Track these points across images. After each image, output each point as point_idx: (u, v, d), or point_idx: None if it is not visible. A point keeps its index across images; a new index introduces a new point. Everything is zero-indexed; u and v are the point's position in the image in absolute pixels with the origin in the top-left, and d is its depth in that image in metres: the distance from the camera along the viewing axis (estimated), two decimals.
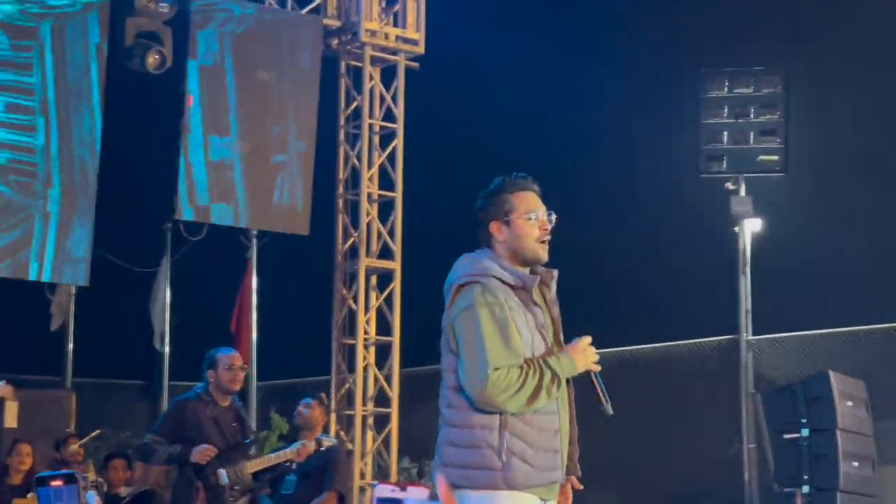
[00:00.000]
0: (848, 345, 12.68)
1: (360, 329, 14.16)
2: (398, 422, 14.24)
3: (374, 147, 14.50)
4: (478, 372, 4.43)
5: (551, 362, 4.50)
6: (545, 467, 4.52)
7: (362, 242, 14.25)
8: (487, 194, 4.76)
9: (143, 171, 14.81)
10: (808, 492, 10.39)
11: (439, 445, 4.63)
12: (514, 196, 4.72)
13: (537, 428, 4.50)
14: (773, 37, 16.59)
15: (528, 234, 4.66)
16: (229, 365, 8.14)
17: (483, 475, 4.47)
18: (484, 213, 4.73)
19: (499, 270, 4.59)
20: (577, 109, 17.57)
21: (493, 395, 4.41)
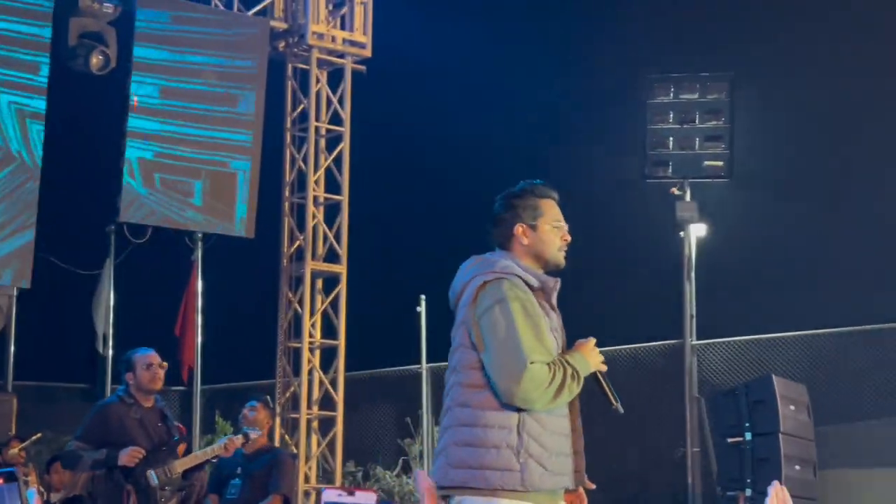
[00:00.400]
0: (791, 350, 12.77)
1: (305, 332, 14.12)
2: (343, 425, 14.21)
3: (320, 150, 14.46)
4: (515, 367, 4.39)
5: (570, 360, 4.51)
6: (558, 471, 4.51)
7: (308, 245, 14.21)
8: (516, 196, 4.77)
9: (87, 172, 14.70)
10: (750, 495, 10.46)
11: (446, 447, 4.57)
12: (542, 202, 4.74)
13: (550, 431, 4.50)
14: (719, 43, 16.69)
15: (552, 241, 4.68)
16: (147, 364, 8.07)
17: (498, 476, 4.43)
18: (511, 214, 4.73)
19: (520, 271, 4.61)
20: (523, 114, 17.61)
21: (529, 390, 4.38)
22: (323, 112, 14.49)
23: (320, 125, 14.45)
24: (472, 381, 4.55)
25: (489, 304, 4.51)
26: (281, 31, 14.41)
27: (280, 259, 14.44)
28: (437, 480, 4.59)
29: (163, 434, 8.08)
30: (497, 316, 4.47)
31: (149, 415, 8.08)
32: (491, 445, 4.45)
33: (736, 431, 10.70)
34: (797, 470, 10.34)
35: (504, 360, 4.41)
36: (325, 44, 14.40)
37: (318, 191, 14.39)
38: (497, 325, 4.46)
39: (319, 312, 14.28)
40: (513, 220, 4.71)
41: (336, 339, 14.24)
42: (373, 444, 15.42)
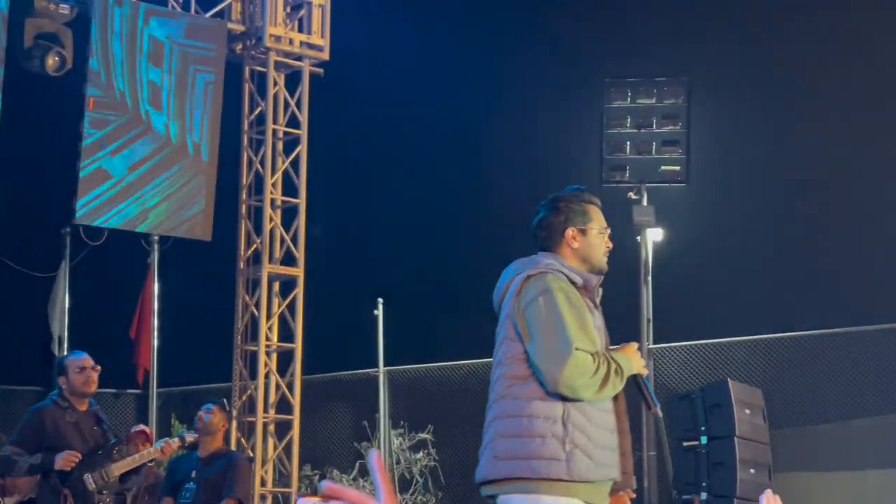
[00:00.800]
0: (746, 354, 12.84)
1: (262, 335, 14.07)
2: (300, 429, 14.17)
3: (277, 153, 14.42)
4: (559, 352, 4.45)
5: (615, 356, 4.56)
6: (604, 463, 4.54)
7: (265, 249, 14.17)
8: (566, 200, 4.81)
9: (43, 174, 14.61)
10: (706, 498, 10.50)
11: (493, 440, 4.58)
12: (591, 207, 4.85)
13: (596, 424, 4.53)
14: (676, 48, 16.77)
15: (599, 247, 4.82)
16: (80, 368, 8.04)
17: (545, 465, 4.46)
18: (563, 217, 4.80)
19: (565, 269, 4.65)
20: (481, 117, 17.62)
21: (573, 377, 4.43)
22: (280, 115, 14.45)
23: (278, 128, 14.41)
24: (516, 373, 4.59)
25: (534, 295, 4.58)
26: (238, 33, 14.36)
27: (237, 262, 14.39)
28: (484, 475, 4.59)
29: (98, 437, 8.04)
30: (542, 306, 4.53)
31: (84, 418, 8.04)
32: (537, 435, 4.50)
33: (692, 435, 10.75)
34: (752, 473, 10.39)
35: (549, 347, 4.46)
36: (282, 46, 14.37)
37: (275, 194, 14.35)
38: (542, 315, 4.52)
39: (276, 316, 14.24)
40: (565, 223, 4.79)
41: (293, 343, 14.19)
42: (329, 447, 15.40)
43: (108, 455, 8.03)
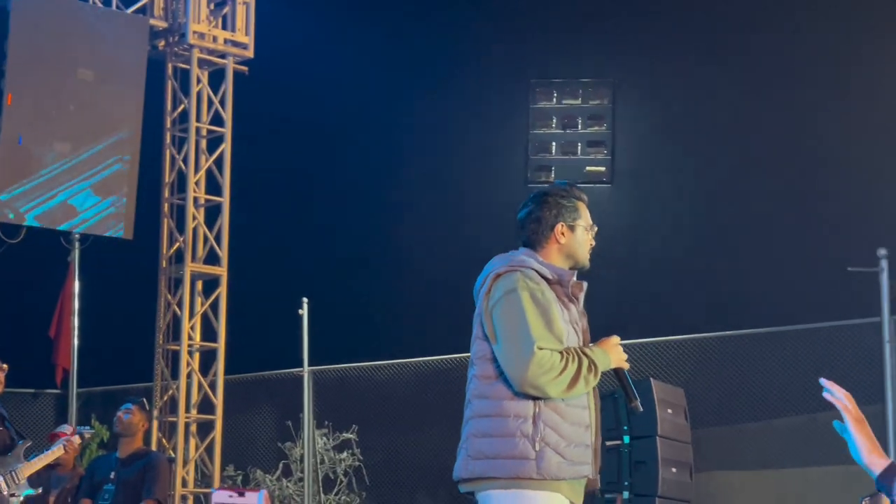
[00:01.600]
0: (669, 353, 12.90)
1: (184, 335, 13.96)
2: (222, 429, 14.07)
3: (201, 151, 14.31)
4: (521, 351, 4.41)
5: (588, 352, 4.52)
6: (577, 461, 4.51)
7: (188, 247, 14.05)
8: (557, 195, 4.77)
9: None
10: (628, 497, 10.53)
11: (467, 439, 4.58)
12: (580, 205, 4.80)
13: (570, 421, 4.50)
14: (602, 49, 16.84)
15: (585, 243, 4.76)
16: None
17: (515, 465, 4.44)
18: (554, 212, 4.75)
19: (536, 264, 4.62)
20: (406, 117, 17.60)
21: (537, 376, 4.40)
22: (204, 112, 14.34)
23: (201, 126, 14.30)
24: (486, 373, 4.58)
25: (500, 295, 4.55)
26: (160, 29, 14.23)
27: (159, 260, 14.26)
28: (459, 474, 4.59)
29: (5, 439, 7.94)
30: (506, 306, 4.51)
31: None
32: (507, 435, 4.48)
33: (614, 435, 10.76)
34: (674, 472, 10.44)
35: (512, 349, 4.45)
36: (206, 43, 14.26)
37: (198, 192, 14.23)
38: (506, 316, 4.50)
39: (199, 315, 14.13)
40: (555, 219, 4.74)
41: (216, 342, 14.09)
42: (253, 447, 15.30)
43: (17, 456, 7.93)
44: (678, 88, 16.86)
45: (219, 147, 14.31)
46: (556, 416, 4.49)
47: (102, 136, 13.55)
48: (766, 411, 12.97)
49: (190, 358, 14.04)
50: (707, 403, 12.54)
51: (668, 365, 12.87)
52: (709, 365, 12.84)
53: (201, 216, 14.22)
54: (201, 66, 14.34)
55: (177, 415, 13.90)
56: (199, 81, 14.29)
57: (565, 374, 4.44)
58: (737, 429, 13.11)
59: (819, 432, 12.50)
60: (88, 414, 15.21)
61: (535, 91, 14.46)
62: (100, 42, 13.51)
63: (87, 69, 13.40)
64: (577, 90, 14.56)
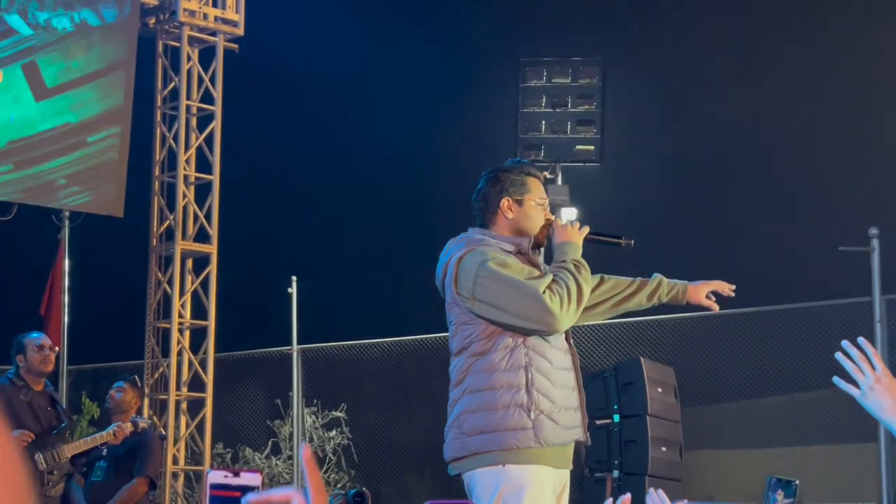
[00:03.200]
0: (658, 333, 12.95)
1: (174, 312, 13.96)
2: (213, 407, 14.09)
3: (191, 129, 14.29)
4: (535, 303, 4.46)
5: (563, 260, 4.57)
6: (569, 424, 4.54)
7: (178, 225, 14.05)
8: (504, 171, 4.78)
9: None
10: (618, 476, 10.58)
11: (458, 417, 4.58)
12: (529, 179, 4.77)
13: (560, 385, 4.53)
14: (591, 27, 16.84)
15: (536, 218, 4.75)
16: (39, 346, 8.09)
17: (512, 436, 4.46)
18: (498, 188, 4.75)
19: (491, 240, 4.65)
20: (395, 95, 17.59)
21: (563, 316, 4.47)
22: (194, 90, 14.31)
23: (191, 104, 14.27)
24: (477, 351, 4.59)
25: (473, 275, 4.56)
26: (151, 7, 14.19)
27: (149, 238, 14.26)
28: (452, 453, 4.58)
29: (52, 418, 8.06)
30: (488, 282, 4.53)
31: (38, 398, 8.07)
32: (501, 406, 4.50)
33: (604, 413, 10.80)
34: (663, 451, 10.49)
35: (524, 308, 4.47)
36: (196, 21, 14.22)
37: (188, 170, 14.22)
38: (494, 288, 4.52)
39: (189, 293, 14.13)
40: (500, 194, 4.74)
41: (206, 320, 14.10)
42: (242, 425, 15.33)
43: (61, 436, 8.04)
44: (668, 67, 16.87)
45: (209, 125, 14.29)
46: (546, 382, 4.52)
47: (93, 114, 13.51)
48: (756, 390, 13.02)
49: (180, 336, 14.05)
50: (696, 382, 12.59)
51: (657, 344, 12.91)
52: (698, 344, 12.89)
53: (191, 194, 14.21)
54: (192, 43, 14.30)
55: (167, 393, 13.92)
56: (189, 59, 14.26)
57: (572, 295, 4.48)
58: (725, 407, 13.17)
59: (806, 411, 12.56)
60: (79, 391, 15.21)
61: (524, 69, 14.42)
62: (89, 18, 13.46)
63: (77, 46, 13.36)
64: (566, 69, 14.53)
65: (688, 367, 12.40)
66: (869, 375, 3.03)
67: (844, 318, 11.53)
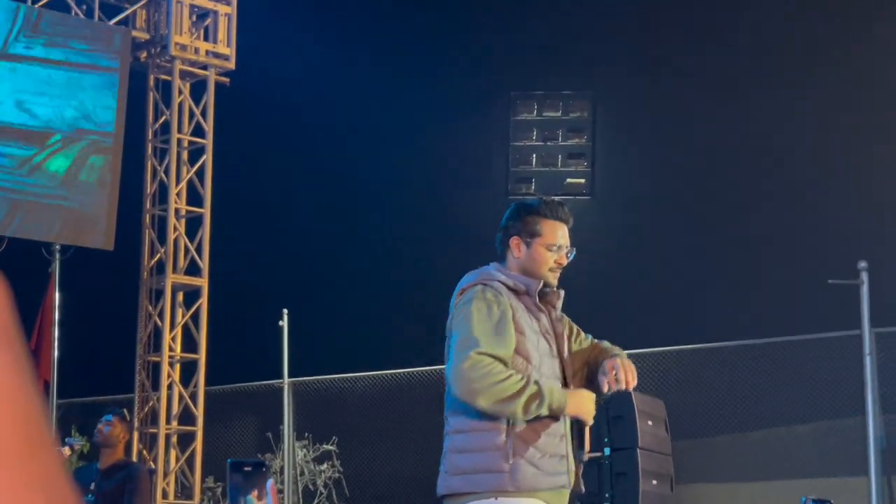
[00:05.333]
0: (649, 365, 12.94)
1: (165, 346, 13.94)
2: (203, 440, 14.05)
3: (182, 162, 14.31)
4: (462, 352, 4.40)
5: (545, 384, 4.50)
6: (552, 471, 4.52)
7: (169, 258, 14.05)
8: (521, 210, 4.76)
9: None
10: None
11: (445, 454, 4.61)
12: (545, 222, 4.71)
13: (544, 432, 4.50)
14: (582, 61, 16.89)
15: (543, 262, 4.68)
16: None
17: (490, 478, 4.46)
18: (511, 226, 4.73)
19: (502, 276, 4.62)
20: (387, 129, 17.62)
21: (470, 379, 4.36)
22: (185, 124, 14.34)
23: (183, 137, 14.30)
24: None
25: (459, 309, 4.56)
26: (143, 41, 14.23)
27: (140, 272, 14.25)
28: (439, 490, 4.61)
29: None
30: (462, 317, 4.53)
31: None
32: (479, 449, 4.50)
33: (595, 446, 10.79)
34: (654, 485, 10.46)
35: (455, 356, 4.45)
36: (187, 55, 14.26)
37: (179, 203, 14.23)
38: (461, 325, 4.52)
39: (180, 326, 14.12)
40: (512, 231, 4.73)
41: (197, 353, 14.09)
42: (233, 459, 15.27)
43: None
44: (657, 101, 16.92)
45: (200, 158, 14.31)
46: (528, 428, 4.51)
47: (84, 147, 13.52)
48: (747, 423, 13.01)
49: (171, 369, 14.03)
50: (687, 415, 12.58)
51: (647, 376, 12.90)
52: (688, 377, 12.88)
53: (182, 227, 14.22)
54: (183, 77, 14.34)
55: (157, 426, 13.88)
56: (180, 93, 14.30)
57: (501, 386, 4.39)
58: (716, 441, 13.15)
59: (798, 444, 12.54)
60: (69, 425, 15.16)
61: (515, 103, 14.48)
62: (83, 53, 13.49)
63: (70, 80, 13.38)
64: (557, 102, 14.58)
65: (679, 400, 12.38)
66: None
67: (834, 351, 11.53)
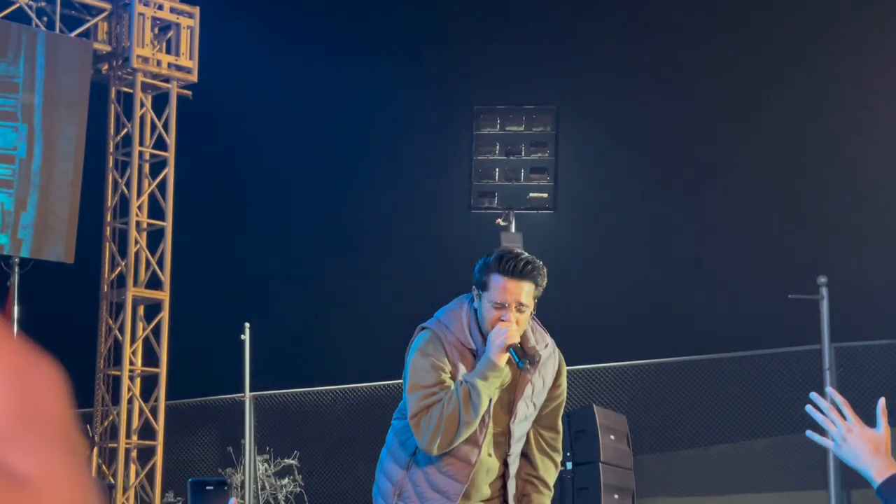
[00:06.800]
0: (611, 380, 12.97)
1: (125, 360, 13.86)
2: (163, 455, 13.97)
3: (144, 175, 14.25)
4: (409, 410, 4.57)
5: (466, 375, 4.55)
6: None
7: (130, 272, 13.97)
8: (480, 263, 4.81)
9: None
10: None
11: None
12: (491, 277, 4.70)
13: (438, 490, 4.58)
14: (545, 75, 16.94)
15: (488, 319, 4.68)
16: None
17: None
18: (475, 277, 4.78)
19: (459, 328, 4.68)
20: (349, 143, 17.61)
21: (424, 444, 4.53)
22: (147, 136, 14.28)
23: (144, 150, 14.24)
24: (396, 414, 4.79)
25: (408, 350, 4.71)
26: (104, 53, 14.17)
27: (100, 285, 14.17)
28: None
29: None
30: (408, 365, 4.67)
31: None
32: (387, 476, 4.71)
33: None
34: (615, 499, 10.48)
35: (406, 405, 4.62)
36: (149, 68, 14.21)
37: (141, 216, 14.17)
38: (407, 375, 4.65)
39: (140, 340, 14.05)
40: (473, 280, 4.78)
41: (157, 367, 14.01)
42: (193, 473, 15.20)
43: None
44: (620, 115, 16.98)
45: (162, 171, 14.25)
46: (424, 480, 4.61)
47: (45, 160, 13.44)
48: (708, 437, 13.05)
49: (131, 383, 13.95)
50: (649, 430, 12.61)
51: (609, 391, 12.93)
52: (650, 392, 12.91)
53: (144, 240, 14.15)
54: (145, 90, 14.29)
55: (117, 441, 13.80)
56: (142, 105, 14.24)
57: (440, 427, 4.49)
58: (677, 455, 13.19)
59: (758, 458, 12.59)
60: None
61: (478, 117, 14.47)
62: (43, 65, 13.42)
63: (29, 92, 13.32)
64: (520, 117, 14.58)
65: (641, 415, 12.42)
66: (840, 426, 3.03)
67: (794, 366, 11.59)
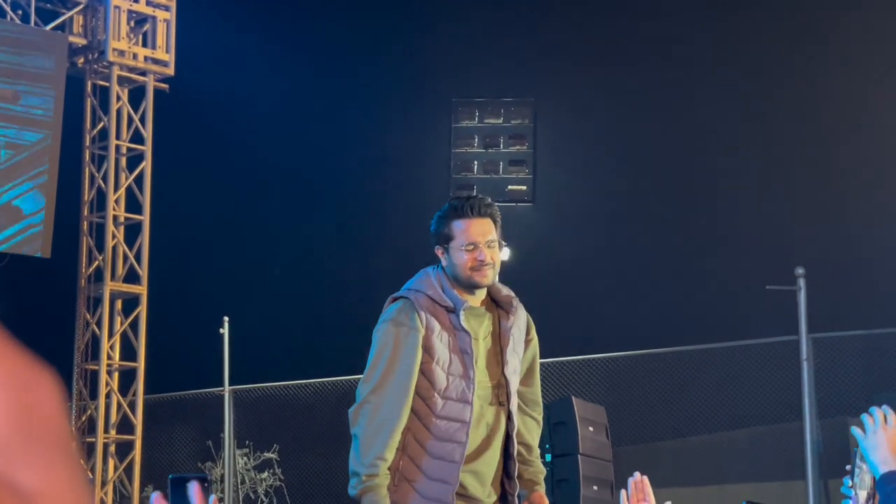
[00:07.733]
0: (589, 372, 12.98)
1: (103, 354, 13.83)
2: (142, 449, 13.95)
3: (121, 168, 14.20)
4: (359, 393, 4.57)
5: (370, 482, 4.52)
6: (434, 497, 4.50)
7: (107, 266, 13.93)
8: (435, 219, 4.74)
9: None
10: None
11: None
12: (452, 224, 4.64)
13: (437, 457, 4.49)
14: (523, 69, 16.93)
15: (462, 265, 4.60)
16: None
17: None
18: (433, 237, 4.71)
19: (433, 289, 4.57)
20: (328, 136, 17.58)
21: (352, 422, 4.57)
22: (124, 130, 14.24)
23: (121, 143, 14.19)
24: None
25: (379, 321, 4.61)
26: (80, 46, 14.11)
27: (78, 279, 14.12)
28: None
29: None
30: (374, 337, 4.59)
31: None
32: None
33: None
34: (595, 490, 10.50)
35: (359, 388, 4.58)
36: (126, 61, 14.16)
37: (118, 210, 14.12)
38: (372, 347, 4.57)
39: (118, 334, 14.01)
40: (433, 242, 4.72)
41: (135, 362, 13.98)
42: (172, 468, 15.17)
43: None
44: (598, 108, 16.99)
45: (139, 165, 14.21)
46: (420, 449, 4.52)
47: (20, 159, 13.39)
48: (686, 428, 13.08)
49: (109, 377, 13.92)
50: (627, 421, 12.63)
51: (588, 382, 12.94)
52: (627, 383, 12.93)
53: (121, 234, 14.11)
54: (121, 83, 14.24)
55: (95, 435, 13.76)
56: (118, 99, 14.19)
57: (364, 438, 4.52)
58: (656, 446, 13.21)
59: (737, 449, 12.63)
60: None
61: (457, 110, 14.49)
62: (18, 58, 13.37)
63: (4, 85, 13.26)
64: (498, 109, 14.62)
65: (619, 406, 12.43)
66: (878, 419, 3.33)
67: (772, 357, 11.62)
